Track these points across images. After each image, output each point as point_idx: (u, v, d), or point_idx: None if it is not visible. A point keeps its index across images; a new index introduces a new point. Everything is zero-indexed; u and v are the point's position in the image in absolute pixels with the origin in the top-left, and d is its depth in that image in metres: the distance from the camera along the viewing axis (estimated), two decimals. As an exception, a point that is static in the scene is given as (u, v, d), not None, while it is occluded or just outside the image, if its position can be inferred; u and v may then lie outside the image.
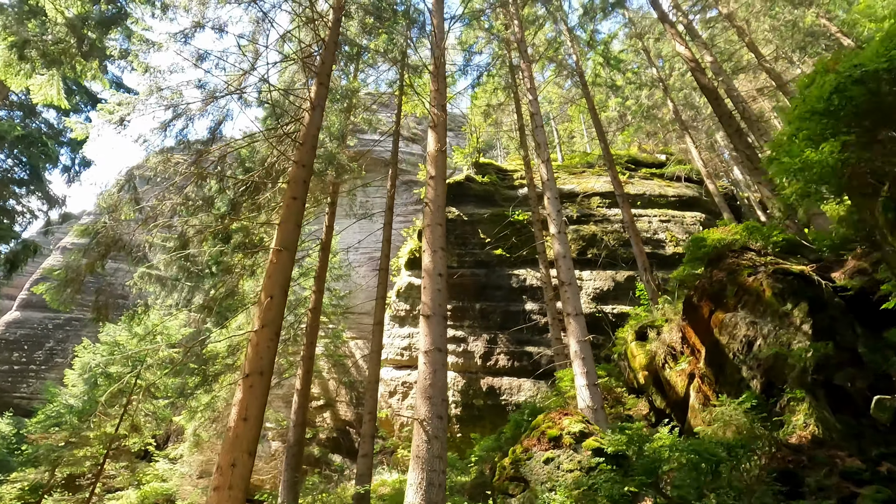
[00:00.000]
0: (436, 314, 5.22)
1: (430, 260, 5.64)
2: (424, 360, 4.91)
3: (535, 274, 15.54)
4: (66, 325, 28.81)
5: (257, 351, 6.50)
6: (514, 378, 13.87)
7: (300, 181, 8.30)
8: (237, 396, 6.13)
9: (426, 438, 4.37)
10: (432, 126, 7.15)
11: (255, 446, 6.01)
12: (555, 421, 4.20)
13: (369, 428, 9.28)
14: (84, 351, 16.42)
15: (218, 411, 15.45)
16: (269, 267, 7.40)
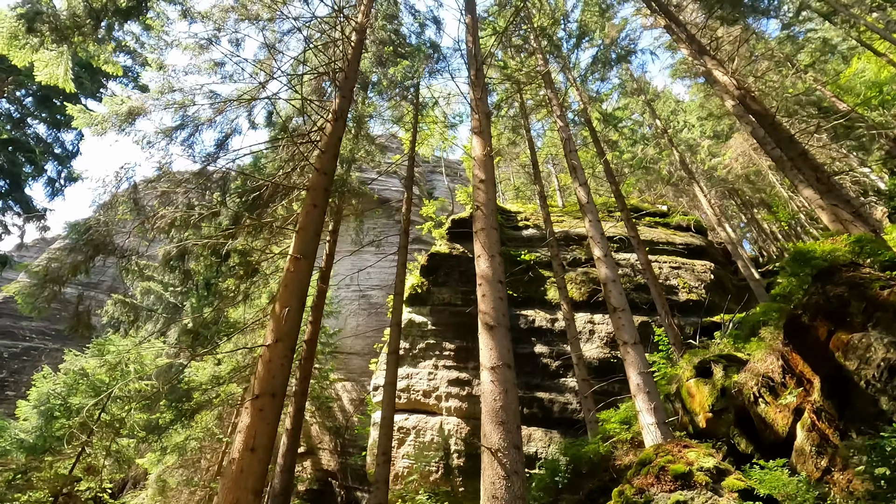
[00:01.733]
0: (500, 325, 4.43)
1: (489, 266, 4.91)
2: (492, 378, 4.06)
3: (545, 315, 14.80)
4: (24, 354, 26.53)
5: (269, 369, 5.53)
6: (524, 427, 12.74)
7: (321, 189, 7.66)
8: (244, 422, 5.11)
9: (504, 474, 3.47)
10: (478, 132, 6.64)
11: (263, 484, 4.93)
12: (674, 454, 3.38)
13: (384, 472, 8.08)
14: (43, 380, 14.71)
15: (188, 456, 13.82)
16: (285, 276, 6.55)
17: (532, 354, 14.00)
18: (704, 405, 6.09)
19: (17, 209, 17.11)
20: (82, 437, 12.12)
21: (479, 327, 4.57)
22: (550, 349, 13.96)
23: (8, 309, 28.55)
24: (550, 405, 12.82)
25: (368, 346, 21.36)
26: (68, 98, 13.77)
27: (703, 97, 23.68)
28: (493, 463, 3.57)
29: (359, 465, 17.19)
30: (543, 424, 12.66)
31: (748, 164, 23.41)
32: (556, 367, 13.54)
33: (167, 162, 9.34)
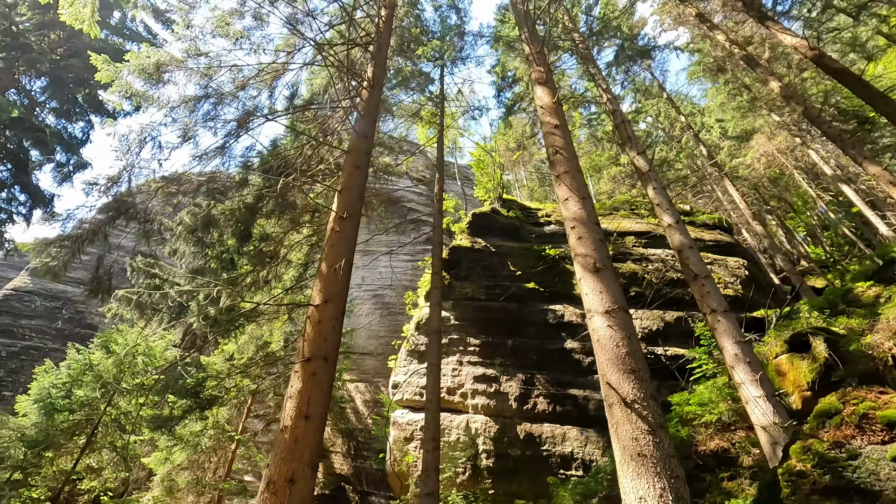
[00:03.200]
0: (606, 267, 3.79)
1: (581, 207, 4.30)
2: (608, 323, 3.41)
3: (574, 310, 14.10)
4: (23, 353, 25.70)
5: (320, 331, 4.87)
6: (557, 425, 12.00)
7: (362, 151, 7.10)
8: (294, 387, 4.43)
9: (647, 427, 2.81)
10: (542, 83, 6.06)
11: (319, 456, 4.23)
12: (872, 400, 2.73)
13: (433, 458, 7.34)
14: (45, 374, 13.94)
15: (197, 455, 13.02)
16: (329, 236, 5.91)
17: (563, 350, 13.27)
18: (801, 382, 5.39)
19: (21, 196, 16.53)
20: (87, 432, 11.35)
21: (580, 272, 3.92)
22: (582, 345, 13.25)
23: (7, 306, 27.79)
24: (585, 402, 12.07)
25: (382, 346, 20.64)
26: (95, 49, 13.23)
27: (727, 95, 23.26)
28: (629, 416, 2.90)
29: (374, 469, 16.33)
30: (578, 423, 11.89)
31: (771, 165, 22.92)
32: (588, 363, 12.81)
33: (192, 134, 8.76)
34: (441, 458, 12.71)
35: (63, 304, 29.47)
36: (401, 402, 14.24)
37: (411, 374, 14.34)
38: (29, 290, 28.90)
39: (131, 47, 18.76)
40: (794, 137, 20.84)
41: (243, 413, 15.00)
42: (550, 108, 5.49)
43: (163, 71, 7.39)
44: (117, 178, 6.76)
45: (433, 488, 7.00)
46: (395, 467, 13.29)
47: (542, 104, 5.68)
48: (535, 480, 11.24)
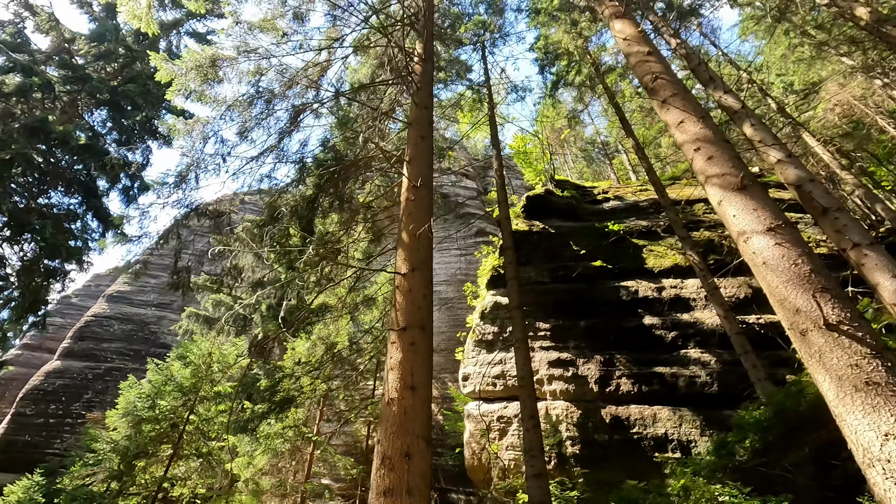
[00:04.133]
0: (753, 183, 3.20)
1: (703, 126, 3.73)
2: (777, 241, 2.80)
3: (649, 285, 13.24)
4: (107, 374, 27.27)
5: (412, 299, 4.50)
6: (645, 406, 11.20)
7: (425, 121, 6.76)
8: (394, 358, 4.07)
9: (870, 350, 2.23)
10: (621, 16, 5.47)
11: (430, 429, 3.85)
12: None
13: (535, 438, 6.88)
14: (129, 389, 14.54)
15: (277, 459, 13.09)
16: (406, 205, 5.56)
17: (642, 328, 12.43)
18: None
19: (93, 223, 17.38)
20: (173, 439, 11.66)
21: (720, 194, 3.33)
22: (662, 320, 12.36)
23: (89, 332, 29.62)
24: (674, 380, 11.20)
25: (445, 342, 20.34)
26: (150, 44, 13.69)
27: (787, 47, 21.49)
28: (839, 341, 2.32)
29: (450, 465, 15.98)
30: (669, 402, 11.04)
31: (846, 114, 20.96)
32: (672, 338, 11.93)
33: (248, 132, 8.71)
34: (523, 447, 12.19)
35: (138, 326, 31.12)
36: (473, 394, 13.82)
37: (481, 364, 13.89)
38: (107, 315, 30.71)
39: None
40: (872, 80, 18.91)
41: (316, 417, 15.05)
42: (636, 37, 4.91)
43: (217, 66, 7.34)
44: (186, 173, 6.73)
45: (540, 469, 6.51)
46: (475, 461, 12.86)
47: (624, 36, 5.10)
48: (628, 466, 10.48)
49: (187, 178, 6.84)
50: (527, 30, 16.52)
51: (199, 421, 12.24)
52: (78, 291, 39.29)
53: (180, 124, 6.81)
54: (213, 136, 7.21)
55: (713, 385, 10.81)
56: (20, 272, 17.36)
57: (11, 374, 31.80)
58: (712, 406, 10.64)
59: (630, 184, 20.05)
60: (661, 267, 13.75)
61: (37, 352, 34.22)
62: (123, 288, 32.72)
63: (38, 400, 25.93)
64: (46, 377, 27.16)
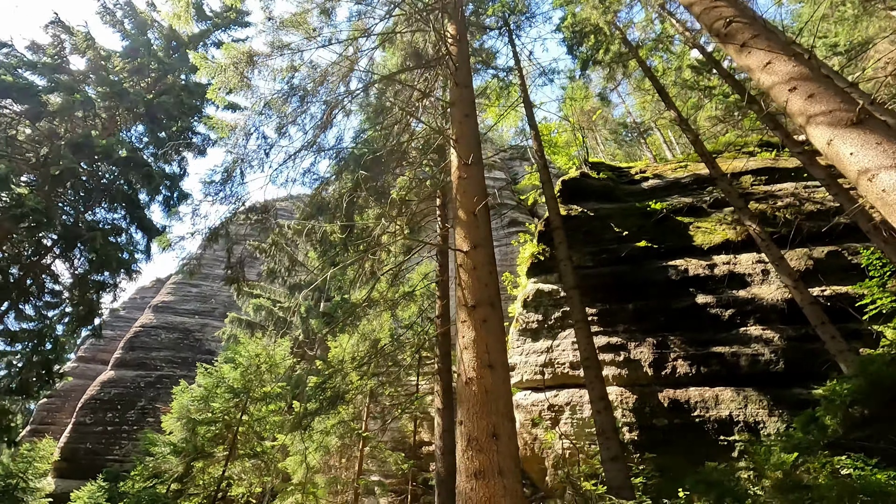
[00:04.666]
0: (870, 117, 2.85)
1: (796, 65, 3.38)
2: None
3: (699, 262, 12.68)
4: (157, 382, 28.24)
5: (477, 276, 4.30)
6: (706, 387, 10.71)
7: (467, 100, 6.57)
8: (466, 337, 3.89)
9: None
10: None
11: (513, 408, 3.65)
12: None
13: (608, 419, 6.60)
14: (182, 393, 14.92)
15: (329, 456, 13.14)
16: (458, 184, 5.37)
17: (694, 307, 11.91)
18: None
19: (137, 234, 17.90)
20: (228, 439, 11.87)
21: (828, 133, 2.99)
22: (716, 298, 11.81)
23: (139, 342, 30.72)
24: (735, 359, 10.67)
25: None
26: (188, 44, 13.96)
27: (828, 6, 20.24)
28: None
29: (500, 458, 15.67)
30: (730, 383, 10.53)
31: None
32: (729, 316, 11.38)
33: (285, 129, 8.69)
34: (577, 435, 11.89)
35: (183, 334, 32.10)
36: (520, 385, 13.57)
37: (527, 353, 13.61)
38: (154, 325, 31.80)
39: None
40: (928, 33, 17.63)
41: (363, 415, 15.09)
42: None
43: (254, 62, 7.32)
44: (232, 169, 6.74)
45: (616, 451, 6.23)
46: (527, 451, 12.61)
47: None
48: (692, 451, 10.03)
49: (233, 173, 6.84)
50: (552, 9, 16.07)
51: (252, 421, 12.43)
52: (125, 304, 40.87)
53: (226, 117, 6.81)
54: (255, 131, 7.20)
55: (779, 363, 10.24)
56: (73, 286, 18.02)
57: (70, 385, 33.33)
58: (779, 385, 10.09)
59: (668, 161, 19.34)
60: (710, 243, 13.16)
61: (91, 363, 35.77)
62: (167, 298, 33.82)
63: (96, 409, 27.05)
64: (102, 387, 28.31)
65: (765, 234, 8.87)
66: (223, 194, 6.97)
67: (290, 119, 8.67)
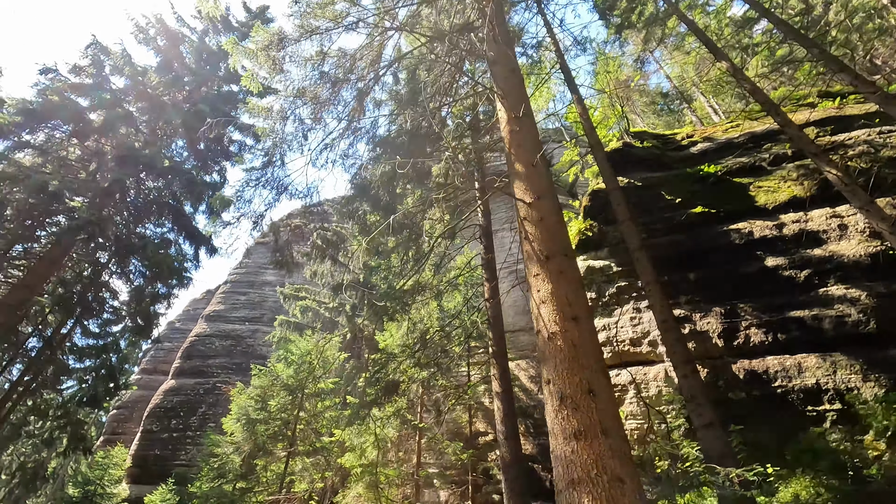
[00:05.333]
0: None
1: None
2: None
3: (764, 223, 11.76)
4: (215, 388, 29.20)
5: (546, 227, 3.89)
6: (785, 355, 9.86)
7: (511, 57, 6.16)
8: (542, 290, 3.50)
9: None
10: None
11: (604, 362, 3.24)
12: None
13: (696, 383, 6.09)
14: (239, 394, 15.20)
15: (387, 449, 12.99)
16: (511, 139, 4.96)
17: (764, 271, 11.01)
18: None
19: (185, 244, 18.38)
20: (288, 436, 11.94)
21: None
22: (789, 259, 10.87)
23: (195, 351, 31.86)
24: (817, 323, 9.76)
25: (531, 322, 19.59)
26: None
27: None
28: None
29: (560, 444, 15.18)
30: (813, 349, 9.64)
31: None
32: (805, 277, 10.44)
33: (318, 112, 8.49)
34: (645, 415, 11.26)
35: (235, 341, 33.08)
36: (578, 366, 13.05)
37: (582, 333, 13.05)
38: (208, 334, 32.92)
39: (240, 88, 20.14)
40: None
41: (418, 406, 14.91)
42: None
43: (285, 44, 7.15)
44: (272, 151, 6.59)
45: (711, 418, 5.70)
46: (591, 435, 12.09)
47: None
48: (776, 424, 9.24)
49: (273, 157, 6.69)
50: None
51: (309, 417, 12.49)
52: (180, 316, 42.69)
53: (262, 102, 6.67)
54: (291, 115, 7.04)
55: (869, 323, 9.28)
56: (130, 300, 18.66)
57: (135, 396, 35.06)
58: (872, 346, 9.15)
59: (716, 124, 18.18)
60: (775, 202, 12.20)
61: (153, 374, 37.48)
62: (218, 307, 34.94)
63: (161, 417, 28.24)
64: (164, 396, 29.54)
65: (848, 178, 7.99)
66: (265, 178, 6.85)
67: (324, 105, 8.45)
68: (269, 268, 39.71)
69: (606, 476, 2.42)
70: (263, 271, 37.42)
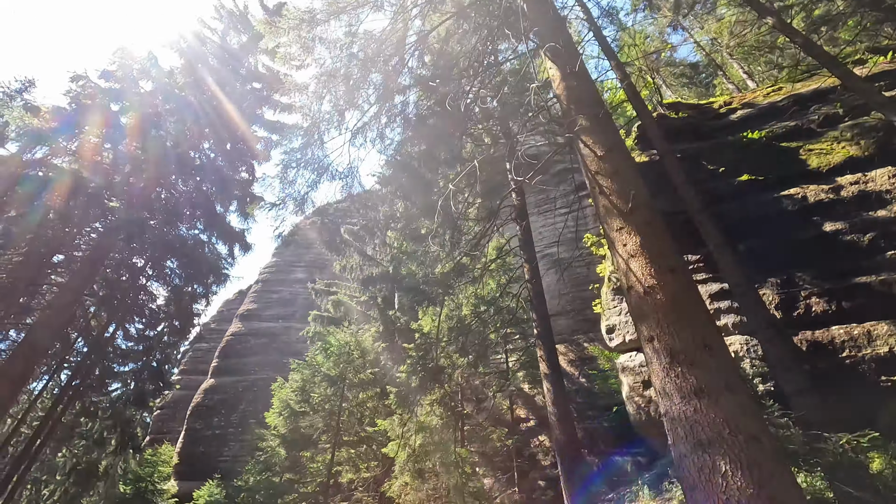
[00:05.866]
0: None
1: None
2: None
3: (818, 187, 11.10)
4: (254, 386, 29.74)
5: (621, 179, 3.64)
6: (852, 324, 9.27)
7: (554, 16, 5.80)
8: (630, 243, 3.23)
9: None
10: None
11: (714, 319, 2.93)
12: None
13: (786, 351, 5.63)
14: (280, 388, 15.31)
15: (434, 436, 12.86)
16: (568, 94, 4.65)
17: (822, 237, 10.38)
18: None
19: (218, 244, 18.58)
20: (333, 427, 11.94)
21: None
22: (848, 223, 10.22)
23: (232, 351, 32.49)
24: (886, 288, 9.13)
25: (569, 303, 19.23)
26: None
27: None
28: None
29: (606, 427, 14.92)
30: (885, 315, 9.03)
31: None
32: (869, 241, 9.80)
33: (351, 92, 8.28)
34: (699, 393, 10.81)
35: (269, 339, 33.62)
36: (623, 346, 12.61)
37: (624, 312, 12.61)
38: (242, 332, 33.54)
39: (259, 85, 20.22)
40: None
41: (458, 395, 14.75)
42: None
43: (314, 23, 6.95)
44: (312, 128, 6.44)
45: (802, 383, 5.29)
46: (642, 416, 11.68)
47: None
48: (846, 396, 8.70)
49: (312, 132, 6.54)
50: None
51: (352, 407, 12.48)
52: (214, 318, 43.65)
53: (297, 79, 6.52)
54: (327, 93, 6.86)
55: (947, 285, 8.64)
56: (168, 302, 18.99)
57: (177, 396, 36.03)
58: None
59: (756, 89, 17.34)
60: (829, 165, 11.52)
61: (193, 375, 38.44)
62: (251, 306, 35.56)
63: (203, 415, 28.94)
64: (205, 395, 30.25)
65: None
66: (306, 159, 6.71)
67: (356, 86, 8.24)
68: (300, 265, 40.27)
69: (742, 436, 2.14)
70: (293, 269, 37.88)
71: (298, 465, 12.50)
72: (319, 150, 6.79)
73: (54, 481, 21.19)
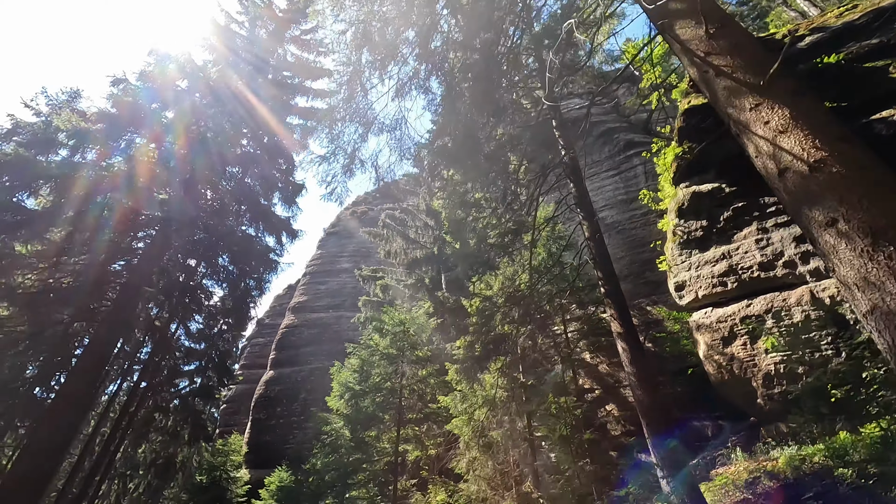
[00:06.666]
0: None
1: None
2: None
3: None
4: (311, 375, 30.37)
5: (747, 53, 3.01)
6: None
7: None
8: (775, 121, 2.59)
9: None
10: None
11: None
12: None
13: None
14: (339, 372, 15.32)
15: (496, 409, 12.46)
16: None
17: (927, 159, 9.14)
18: None
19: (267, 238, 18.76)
20: (395, 405, 11.76)
21: None
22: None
23: (288, 342, 33.31)
24: None
25: (626, 267, 18.31)
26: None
27: None
28: None
29: (679, 392, 14.08)
30: None
31: None
32: None
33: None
34: (791, 345, 9.84)
35: (322, 329, 34.22)
36: (695, 303, 11.71)
37: (697, 266, 11.66)
38: (296, 325, 34.29)
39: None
40: None
41: (519, 365, 14.28)
42: None
43: None
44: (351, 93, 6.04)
45: None
46: (723, 375, 10.82)
47: None
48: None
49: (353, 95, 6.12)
50: None
51: (414, 384, 12.30)
52: (268, 313, 45.03)
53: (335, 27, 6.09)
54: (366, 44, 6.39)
55: None
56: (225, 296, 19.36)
57: (240, 391, 37.46)
58: None
59: (825, 12, 15.61)
60: None
61: (252, 369, 39.88)
62: (301, 299, 36.31)
63: (266, 406, 29.88)
64: (267, 386, 31.20)
65: None
66: (351, 110, 6.31)
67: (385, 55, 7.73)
68: (343, 256, 40.71)
69: None
70: (338, 259, 38.34)
71: (364, 444, 12.48)
72: (363, 99, 6.38)
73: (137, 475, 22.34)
